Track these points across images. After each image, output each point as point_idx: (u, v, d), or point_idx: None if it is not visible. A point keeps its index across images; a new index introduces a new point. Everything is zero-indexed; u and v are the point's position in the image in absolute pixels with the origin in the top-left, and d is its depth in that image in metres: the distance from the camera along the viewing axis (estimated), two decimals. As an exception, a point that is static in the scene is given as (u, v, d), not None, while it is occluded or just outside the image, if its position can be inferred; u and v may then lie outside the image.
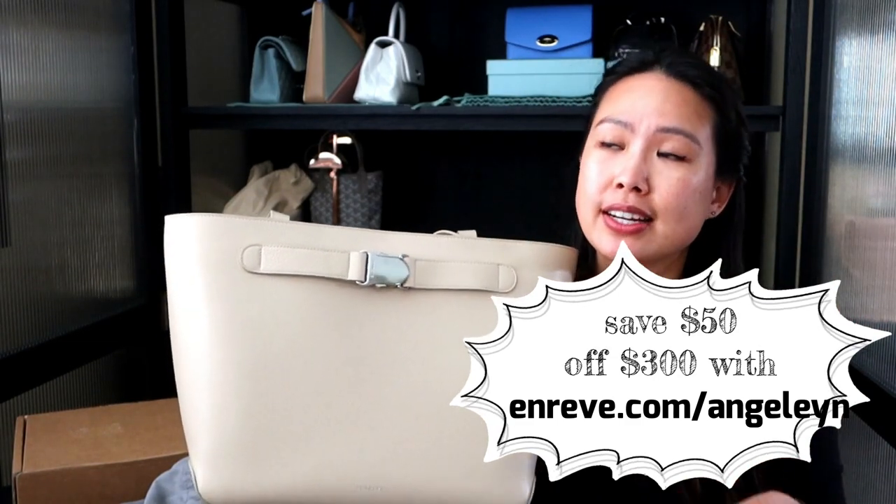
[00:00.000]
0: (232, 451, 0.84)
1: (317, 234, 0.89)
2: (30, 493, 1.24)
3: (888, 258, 1.36)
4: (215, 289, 0.86)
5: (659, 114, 0.93)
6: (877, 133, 1.40)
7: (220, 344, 0.85)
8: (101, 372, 1.85)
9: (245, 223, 0.88)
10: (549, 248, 0.95)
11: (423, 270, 0.90)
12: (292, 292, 0.87)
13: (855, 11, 1.50)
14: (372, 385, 0.87)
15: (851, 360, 1.33)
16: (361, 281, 0.87)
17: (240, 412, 0.84)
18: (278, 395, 0.85)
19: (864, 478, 1.46)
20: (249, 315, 0.85)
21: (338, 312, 0.87)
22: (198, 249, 0.87)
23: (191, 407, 0.86)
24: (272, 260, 0.87)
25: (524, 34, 1.85)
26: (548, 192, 2.07)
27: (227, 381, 0.84)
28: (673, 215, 0.93)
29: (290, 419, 0.85)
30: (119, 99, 1.85)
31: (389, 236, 0.91)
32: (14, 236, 1.54)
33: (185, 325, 0.87)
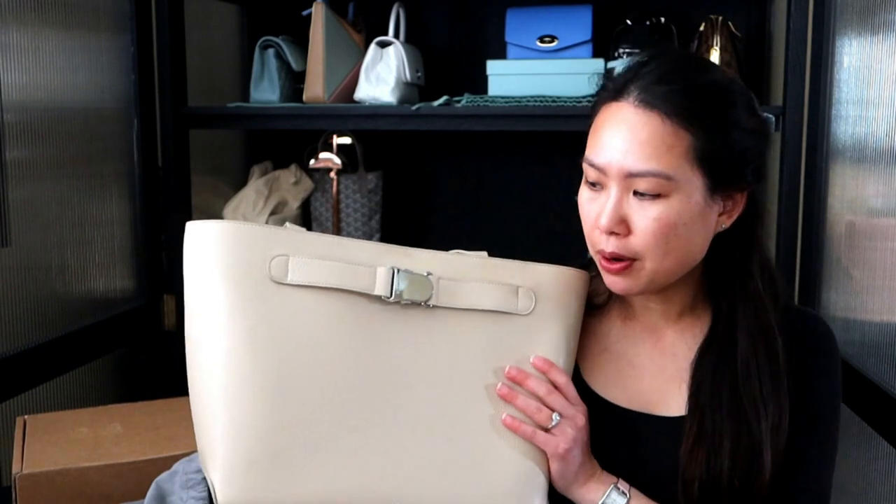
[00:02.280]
0: (251, 463, 0.82)
1: (342, 246, 0.88)
2: (30, 493, 1.24)
3: (888, 258, 1.36)
4: (239, 298, 0.84)
5: (625, 156, 0.90)
6: (877, 133, 1.40)
7: (244, 354, 0.83)
8: (101, 372, 1.85)
9: (271, 232, 0.87)
10: (566, 271, 0.96)
11: (447, 289, 0.90)
12: (318, 304, 0.86)
13: (855, 11, 1.50)
14: (392, 401, 0.87)
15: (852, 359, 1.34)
16: (387, 297, 0.87)
17: (261, 424, 0.83)
18: (300, 407, 0.84)
19: (864, 478, 1.46)
20: (275, 326, 0.84)
21: (362, 327, 0.87)
22: (221, 257, 0.85)
23: (209, 417, 0.85)
24: (300, 271, 0.86)
25: (524, 34, 1.85)
26: (548, 192, 2.07)
27: (249, 393, 0.83)
28: (656, 253, 0.91)
29: (311, 432, 0.84)
30: (119, 99, 1.85)
31: (414, 253, 0.91)
32: (14, 236, 1.54)
33: (205, 333, 0.85)
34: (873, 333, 1.42)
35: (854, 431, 1.45)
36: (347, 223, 2.07)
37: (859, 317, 1.48)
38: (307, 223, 2.13)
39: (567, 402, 0.94)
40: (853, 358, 1.45)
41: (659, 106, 0.90)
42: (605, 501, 0.93)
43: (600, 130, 0.94)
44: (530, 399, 0.92)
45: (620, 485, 0.94)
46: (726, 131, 0.91)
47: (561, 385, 0.94)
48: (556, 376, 0.94)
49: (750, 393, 0.94)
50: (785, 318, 0.99)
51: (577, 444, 0.92)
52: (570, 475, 0.93)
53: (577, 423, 0.93)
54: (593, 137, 0.95)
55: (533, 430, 0.91)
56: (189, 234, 0.88)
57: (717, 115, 0.91)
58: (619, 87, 0.94)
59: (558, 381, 0.94)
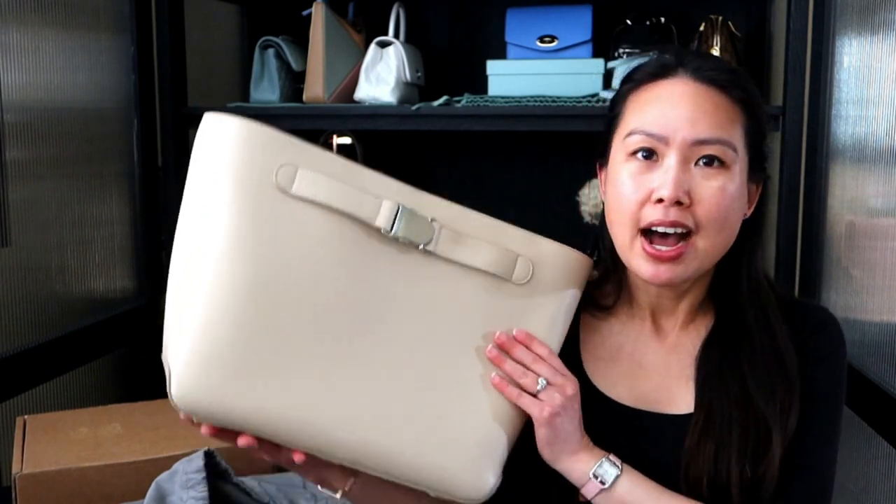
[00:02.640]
0: (217, 359, 0.80)
1: (356, 172, 0.86)
2: (30, 493, 1.24)
3: (888, 258, 1.36)
4: (241, 198, 0.83)
5: (692, 124, 0.90)
6: (877, 133, 1.40)
7: (233, 254, 0.82)
8: (101, 372, 1.85)
9: (287, 140, 0.85)
10: (571, 253, 0.95)
11: (447, 239, 0.89)
12: (317, 221, 0.84)
13: (855, 11, 1.50)
14: (368, 333, 0.85)
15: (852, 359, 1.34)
16: (387, 231, 0.86)
17: (236, 324, 0.81)
18: (277, 318, 0.82)
19: (864, 478, 1.46)
20: (269, 233, 0.83)
21: (355, 255, 0.85)
22: (232, 154, 0.84)
23: (184, 308, 0.83)
24: (306, 184, 0.84)
25: (524, 34, 1.85)
26: (548, 192, 2.07)
27: (230, 293, 0.81)
28: (715, 226, 0.91)
29: (282, 346, 0.82)
30: (119, 99, 1.85)
31: (425, 197, 0.90)
32: (14, 236, 1.54)
33: (199, 226, 0.84)
34: (873, 333, 1.42)
35: (854, 431, 1.45)
36: (347, 223, 2.07)
37: (859, 317, 1.48)
38: (307, 223, 2.12)
39: (554, 370, 0.92)
40: (853, 358, 1.45)
41: (719, 81, 0.93)
42: (597, 471, 0.91)
43: (652, 103, 0.93)
44: (517, 365, 0.91)
45: (612, 458, 0.93)
46: (763, 120, 0.96)
47: (544, 356, 0.92)
48: (537, 348, 0.92)
49: (757, 380, 0.94)
50: (790, 309, 0.99)
51: (564, 413, 0.91)
52: (558, 444, 0.92)
53: (565, 392, 0.91)
54: (641, 110, 0.94)
55: (518, 393, 0.90)
56: (205, 124, 0.86)
57: (758, 103, 0.96)
58: (666, 66, 0.95)
59: (540, 353, 0.92)
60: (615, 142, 0.97)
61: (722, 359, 0.97)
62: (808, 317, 1.00)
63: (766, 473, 0.92)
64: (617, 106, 0.99)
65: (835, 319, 1.01)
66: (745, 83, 0.95)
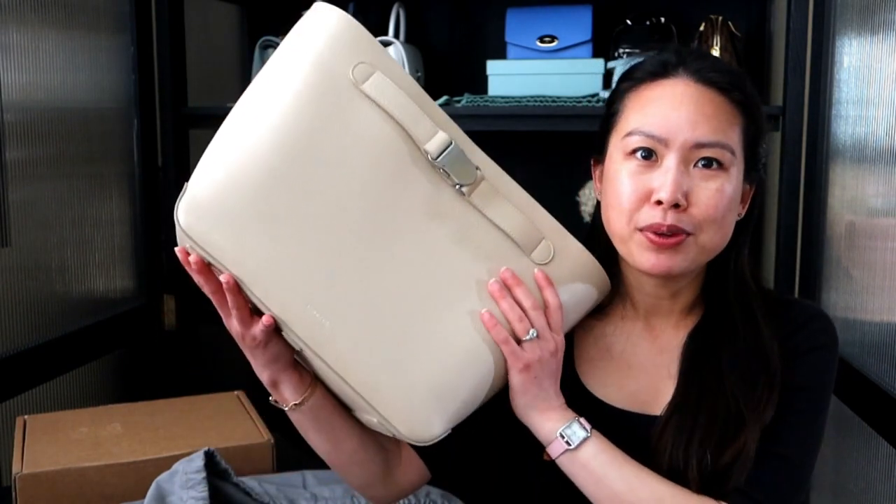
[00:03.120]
0: (233, 194, 0.84)
1: (425, 98, 0.90)
2: (30, 493, 1.24)
3: (888, 258, 1.36)
4: (317, 77, 0.87)
5: (692, 127, 0.91)
6: (877, 133, 1.40)
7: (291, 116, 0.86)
8: (101, 372, 1.85)
9: (376, 44, 0.90)
10: (592, 261, 0.95)
11: (483, 191, 0.90)
12: (374, 123, 0.87)
13: (855, 11, 1.50)
14: (373, 242, 0.87)
15: (852, 359, 1.35)
16: (433, 157, 0.88)
17: (264, 174, 0.85)
18: (304, 187, 0.85)
19: (864, 478, 1.46)
20: (328, 115, 0.86)
21: (395, 169, 0.88)
22: (323, 38, 0.88)
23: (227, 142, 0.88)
24: (377, 86, 0.88)
25: (524, 34, 1.85)
26: (548, 192, 2.06)
27: (273, 145, 0.85)
28: (712, 227, 0.92)
29: (297, 211, 0.85)
30: (119, 99, 1.85)
31: (478, 150, 0.92)
32: (14, 236, 1.54)
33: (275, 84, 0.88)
34: (873, 333, 1.42)
35: (854, 431, 1.45)
36: (347, 223, 2.07)
37: (859, 317, 1.48)
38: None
39: (547, 324, 0.92)
40: (853, 358, 1.45)
41: (720, 85, 0.93)
42: (564, 431, 0.92)
43: (653, 103, 0.94)
44: (515, 305, 0.90)
45: (583, 421, 0.93)
46: (761, 121, 0.97)
47: (550, 306, 0.92)
48: (549, 296, 0.92)
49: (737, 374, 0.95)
50: (781, 307, 1.00)
51: (542, 367, 0.91)
52: (530, 396, 0.92)
53: (548, 347, 0.91)
54: (642, 109, 0.94)
55: (506, 337, 0.90)
56: (315, 8, 0.92)
57: (757, 105, 0.97)
58: (666, 65, 0.95)
59: (549, 301, 0.92)
60: (613, 139, 0.98)
61: (702, 352, 0.98)
62: (797, 313, 1.00)
63: (730, 462, 0.91)
64: (615, 103, 0.99)
65: (825, 316, 1.01)
66: (744, 85, 0.96)
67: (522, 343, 0.90)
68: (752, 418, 0.92)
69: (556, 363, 0.93)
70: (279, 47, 0.91)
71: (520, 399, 0.92)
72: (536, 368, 0.91)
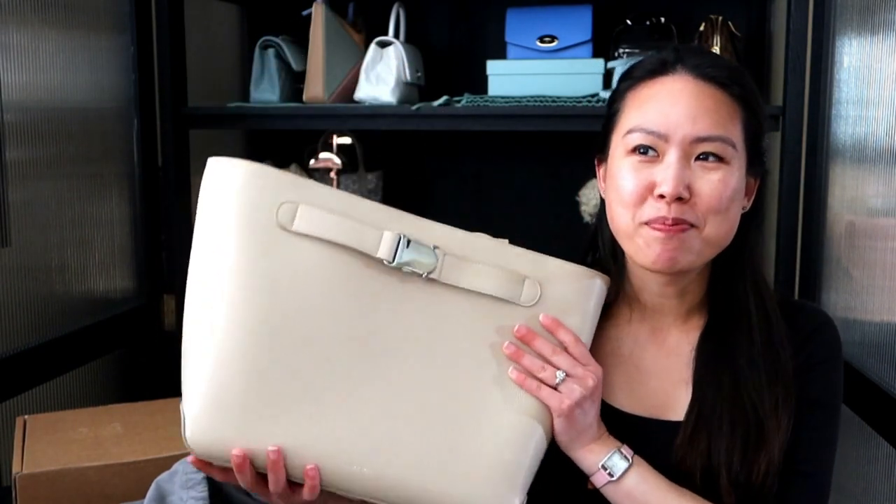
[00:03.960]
0: (227, 404, 0.82)
1: (356, 205, 0.87)
2: (30, 493, 1.24)
3: (888, 258, 1.36)
4: (243, 236, 0.84)
5: (692, 122, 0.91)
6: (877, 133, 1.40)
7: (240, 293, 0.83)
8: (101, 372, 1.85)
9: (287, 178, 0.86)
10: (580, 271, 0.94)
11: (451, 266, 0.88)
12: (319, 257, 0.85)
13: (855, 11, 1.50)
14: (378, 366, 0.86)
15: (852, 359, 1.34)
16: (389, 261, 0.86)
17: (244, 367, 0.83)
18: (285, 354, 0.83)
19: (864, 478, 1.46)
20: (274, 271, 0.84)
21: (359, 287, 0.86)
22: (235, 195, 0.85)
23: (196, 350, 0.85)
24: (306, 220, 0.85)
25: (524, 34, 1.85)
26: (548, 191, 2.07)
27: (238, 333, 0.83)
28: (717, 218, 0.92)
29: (292, 381, 0.83)
30: (119, 99, 1.85)
31: (428, 225, 0.89)
32: (14, 236, 1.54)
33: (207, 268, 0.85)
34: (873, 333, 1.42)
35: (854, 431, 1.45)
36: (347, 223, 2.07)
37: (859, 317, 1.47)
38: (307, 223, 2.12)
39: (575, 361, 0.91)
40: (853, 358, 1.45)
41: (718, 78, 0.93)
42: (606, 463, 0.92)
43: (652, 100, 0.94)
44: (536, 359, 0.90)
45: (624, 450, 0.93)
46: (761, 114, 0.97)
47: (568, 343, 0.92)
48: (563, 335, 0.92)
49: (752, 373, 0.95)
50: (788, 310, 1.00)
51: (583, 404, 0.91)
52: (574, 434, 0.92)
53: (586, 384, 0.91)
54: (641, 107, 0.94)
55: (538, 385, 0.89)
56: (209, 168, 0.88)
57: (757, 99, 0.97)
58: (665, 62, 0.96)
59: (565, 340, 0.92)
60: (615, 138, 0.98)
61: (717, 353, 0.97)
62: (806, 319, 1.00)
63: (760, 474, 0.92)
64: (616, 102, 0.99)
65: (832, 322, 1.01)
66: (743, 79, 0.96)
67: (557, 387, 0.90)
68: (771, 424, 0.92)
69: (596, 395, 0.93)
70: (197, 225, 0.87)
71: (563, 438, 0.92)
72: (578, 407, 0.91)
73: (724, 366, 0.96)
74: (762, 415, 0.93)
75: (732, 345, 0.97)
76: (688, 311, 1.02)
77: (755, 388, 0.94)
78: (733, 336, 0.97)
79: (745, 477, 0.92)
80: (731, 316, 0.98)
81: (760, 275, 1.00)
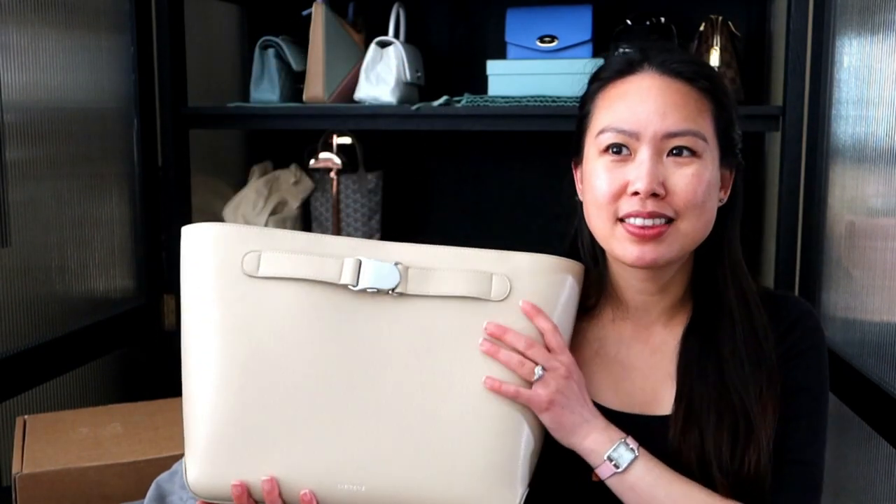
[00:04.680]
0: (221, 444, 0.88)
1: (316, 241, 0.92)
2: (30, 493, 1.24)
3: (888, 258, 1.36)
4: (217, 290, 0.90)
5: (662, 117, 0.92)
6: (877, 133, 1.40)
7: (216, 341, 0.89)
8: (101, 372, 1.85)
9: (248, 231, 0.92)
10: (546, 259, 0.94)
11: (416, 277, 0.91)
12: (287, 295, 0.90)
13: (855, 11, 1.50)
14: (360, 386, 0.89)
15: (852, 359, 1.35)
16: (353, 285, 0.90)
17: (231, 407, 0.88)
18: (268, 391, 0.88)
19: (864, 478, 1.46)
20: (244, 315, 0.90)
21: (330, 315, 0.90)
22: (205, 255, 0.92)
23: (189, 402, 0.90)
24: (269, 264, 0.90)
25: (524, 34, 1.85)
26: (548, 192, 2.07)
27: (220, 377, 0.89)
28: (694, 212, 0.93)
29: (279, 416, 0.88)
30: (119, 99, 1.85)
31: (387, 246, 0.93)
32: (14, 236, 1.54)
33: (191, 325, 0.91)
34: (873, 333, 1.42)
35: (854, 431, 1.45)
36: (347, 223, 2.07)
37: (859, 317, 1.47)
38: (307, 223, 2.13)
39: (548, 353, 0.92)
40: (853, 358, 1.45)
41: (685, 74, 0.94)
42: (612, 455, 0.92)
43: (621, 99, 0.95)
44: (512, 353, 0.91)
45: (629, 441, 0.93)
46: (730, 107, 0.98)
47: (546, 331, 0.92)
48: (541, 322, 0.92)
49: (735, 363, 0.95)
50: (768, 301, 1.00)
51: (561, 395, 0.91)
52: (566, 426, 0.92)
53: (560, 373, 0.91)
54: (611, 107, 0.96)
55: (516, 389, 0.90)
56: (183, 236, 0.94)
57: (723, 88, 0.98)
58: (632, 62, 0.97)
59: (543, 327, 0.92)
60: (587, 140, 0.99)
61: (701, 346, 0.98)
62: (786, 309, 1.00)
63: (752, 465, 0.92)
64: (586, 105, 1.01)
65: (813, 312, 1.02)
66: (710, 73, 0.97)
67: (534, 384, 0.91)
68: (757, 415, 0.93)
69: (576, 383, 0.93)
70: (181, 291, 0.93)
71: (558, 433, 0.93)
72: (559, 400, 0.91)
73: (708, 359, 0.97)
74: (748, 406, 0.94)
75: (716, 338, 0.98)
76: (671, 308, 1.02)
77: (740, 380, 0.95)
78: (716, 329, 0.98)
79: (736, 468, 0.92)
80: (713, 309, 0.99)
81: (741, 267, 1.00)
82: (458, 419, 0.89)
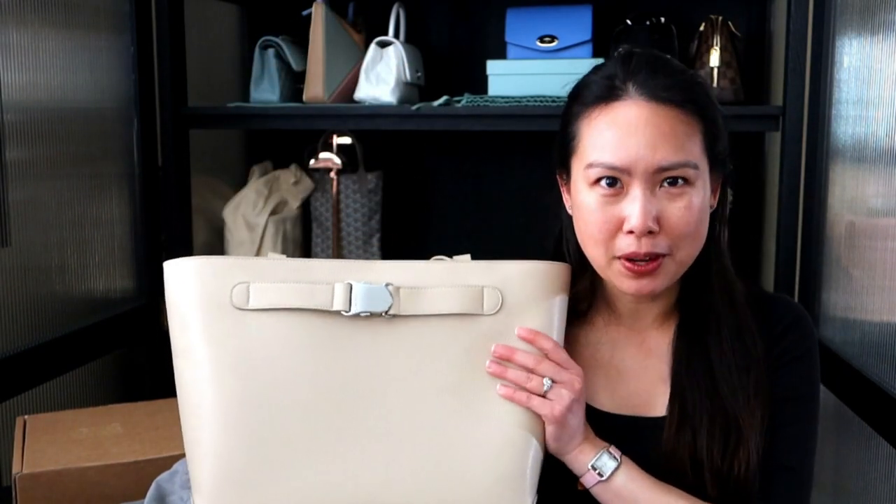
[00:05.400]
0: (228, 482, 0.86)
1: (304, 268, 0.91)
2: (30, 493, 1.24)
3: (888, 258, 1.36)
4: (207, 326, 0.89)
5: (652, 151, 0.90)
6: (877, 133, 1.40)
7: (212, 378, 0.88)
8: (101, 372, 1.85)
9: (234, 263, 0.91)
10: (533, 266, 0.95)
11: (408, 298, 0.91)
12: (278, 325, 0.89)
13: (855, 12, 1.50)
14: (360, 410, 0.88)
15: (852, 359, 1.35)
16: (346, 311, 0.89)
17: (234, 443, 0.87)
18: (269, 424, 0.87)
19: (864, 478, 1.46)
20: (238, 349, 0.88)
21: (324, 342, 0.89)
22: (193, 291, 0.90)
23: (191, 444, 0.89)
24: (259, 296, 0.89)
25: (524, 34, 1.85)
26: (548, 192, 2.06)
27: (220, 414, 0.87)
28: (687, 242, 0.92)
29: (282, 447, 0.87)
30: (119, 99, 1.85)
31: (376, 266, 0.92)
32: (14, 236, 1.54)
33: (184, 363, 0.90)
34: (873, 333, 1.41)
35: (854, 431, 1.45)
36: (347, 223, 2.07)
37: (859, 317, 1.47)
38: (307, 223, 2.13)
39: (558, 367, 0.93)
40: (853, 358, 1.45)
41: (671, 98, 0.91)
42: (595, 464, 0.93)
43: (608, 131, 0.92)
44: (520, 371, 0.91)
45: (612, 450, 0.94)
46: (717, 117, 0.96)
47: (549, 350, 0.93)
48: (542, 342, 0.93)
49: (724, 365, 0.96)
50: (761, 303, 1.00)
51: (573, 408, 0.92)
52: (566, 438, 0.93)
53: (573, 387, 0.92)
54: (599, 138, 0.93)
55: (528, 396, 0.91)
56: (166, 271, 0.93)
57: (710, 102, 0.95)
58: (611, 88, 0.93)
59: (546, 347, 0.93)
60: (575, 164, 0.97)
61: (691, 350, 0.98)
62: (780, 313, 1.00)
63: (742, 468, 0.93)
64: (570, 126, 0.97)
65: (807, 316, 1.02)
66: (696, 91, 0.94)
67: (545, 394, 0.92)
68: (746, 418, 0.94)
69: (583, 397, 0.95)
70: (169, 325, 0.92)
71: (554, 444, 0.94)
72: (570, 411, 0.92)
73: (698, 362, 0.97)
74: (737, 410, 0.94)
75: (705, 341, 0.98)
76: (664, 312, 1.02)
77: (728, 385, 0.95)
78: (704, 332, 0.98)
79: (726, 470, 0.93)
80: (701, 312, 0.99)
81: (728, 269, 1.00)
82: (466, 436, 0.90)
